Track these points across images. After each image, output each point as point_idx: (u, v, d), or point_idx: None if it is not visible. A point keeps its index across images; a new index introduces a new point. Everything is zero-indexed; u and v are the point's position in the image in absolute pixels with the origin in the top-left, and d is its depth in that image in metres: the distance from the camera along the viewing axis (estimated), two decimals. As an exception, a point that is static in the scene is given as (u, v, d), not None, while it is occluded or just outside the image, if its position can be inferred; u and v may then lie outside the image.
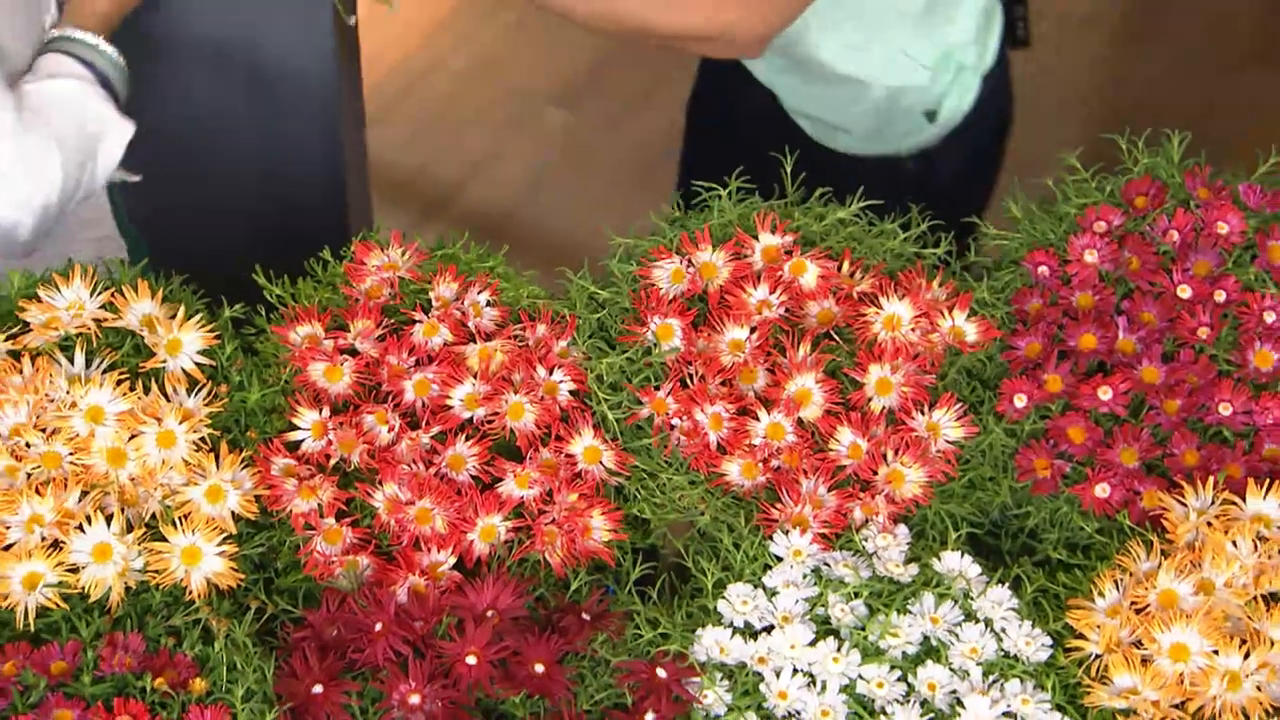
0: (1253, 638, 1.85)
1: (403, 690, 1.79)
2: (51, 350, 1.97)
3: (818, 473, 1.97)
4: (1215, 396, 1.99)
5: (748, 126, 2.98)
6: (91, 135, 2.32)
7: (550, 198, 4.29)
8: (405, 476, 1.94)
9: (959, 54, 2.80)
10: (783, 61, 2.79)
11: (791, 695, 1.85)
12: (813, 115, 2.90)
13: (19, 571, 1.82)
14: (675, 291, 2.06)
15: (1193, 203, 2.09)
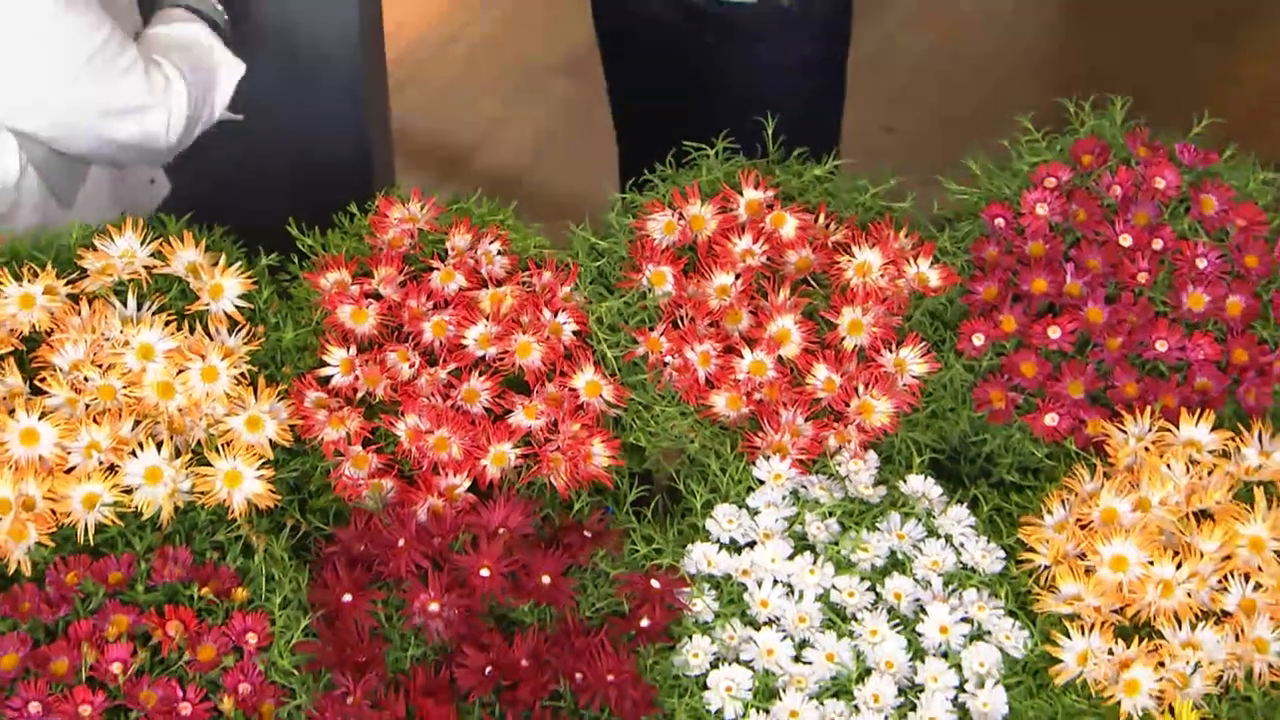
0: (1184, 550, 1.86)
1: (423, 599, 1.80)
2: (107, 294, 1.97)
3: (796, 405, 1.98)
4: (1153, 335, 2.00)
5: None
6: (208, 72, 2.44)
7: (555, 159, 4.29)
8: (424, 408, 1.94)
9: None
10: None
11: (772, 604, 1.86)
12: None
13: (79, 492, 1.84)
14: (667, 242, 2.07)
15: (1133, 160, 2.09)
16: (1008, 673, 1.84)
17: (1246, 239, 2.04)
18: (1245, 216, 2.05)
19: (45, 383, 1.89)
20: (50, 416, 1.86)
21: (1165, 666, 1.81)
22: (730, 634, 1.85)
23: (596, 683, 1.78)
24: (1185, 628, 1.82)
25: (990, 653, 1.85)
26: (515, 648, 1.80)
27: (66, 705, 1.71)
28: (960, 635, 1.85)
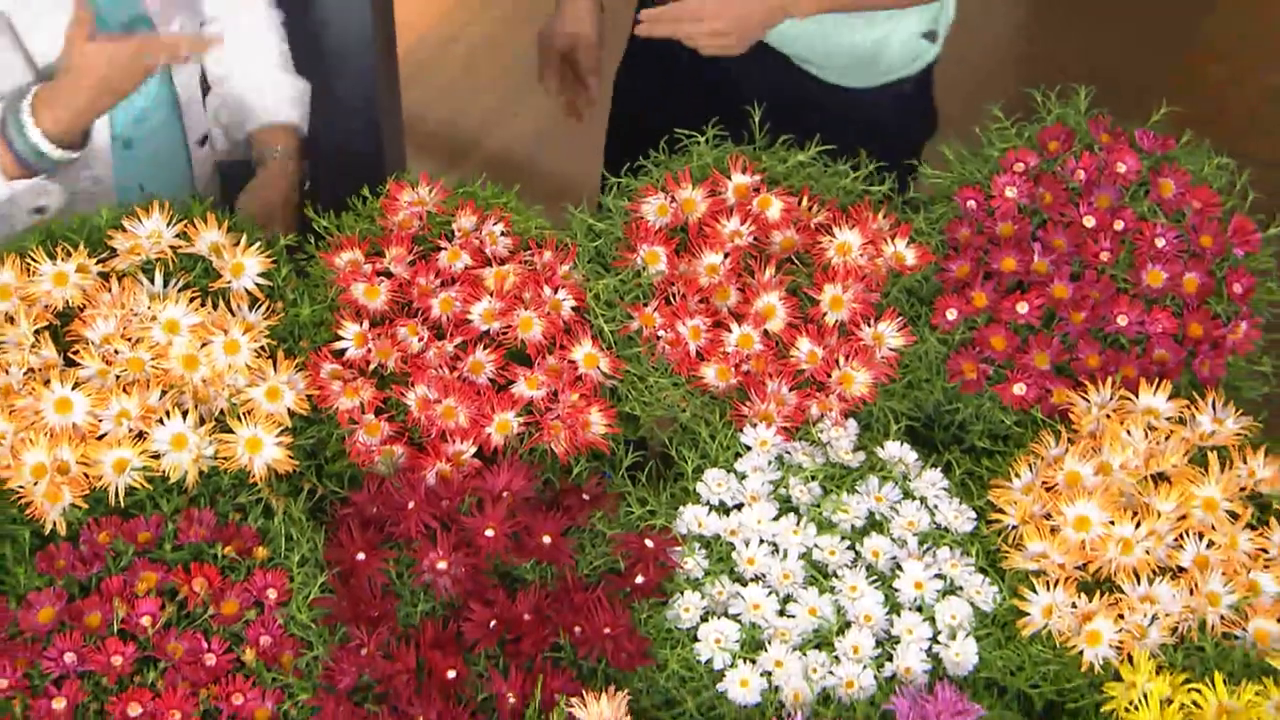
0: (1143, 510, 1.87)
1: (432, 558, 1.81)
2: (135, 272, 1.97)
3: (781, 376, 1.99)
4: (1114, 310, 2.00)
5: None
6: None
7: (555, 147, 4.28)
8: (433, 379, 1.95)
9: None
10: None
11: (758, 561, 1.87)
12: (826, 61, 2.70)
13: (110, 457, 1.84)
14: (660, 223, 2.07)
15: (1096, 146, 2.10)
16: (978, 625, 1.85)
17: (1202, 220, 2.05)
18: (1201, 199, 2.06)
19: (78, 355, 1.89)
20: (83, 387, 1.87)
21: (1124, 619, 1.82)
22: (719, 590, 1.86)
23: (594, 636, 1.79)
24: (1143, 583, 1.84)
25: (962, 607, 1.86)
26: (518, 603, 1.80)
27: (99, 656, 1.72)
28: (934, 590, 1.86)
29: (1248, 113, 3.96)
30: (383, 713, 1.73)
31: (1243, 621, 1.83)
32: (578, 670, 1.80)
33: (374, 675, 1.76)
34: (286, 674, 1.76)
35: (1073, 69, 2.22)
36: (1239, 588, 1.84)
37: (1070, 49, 3.58)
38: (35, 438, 1.83)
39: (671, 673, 1.82)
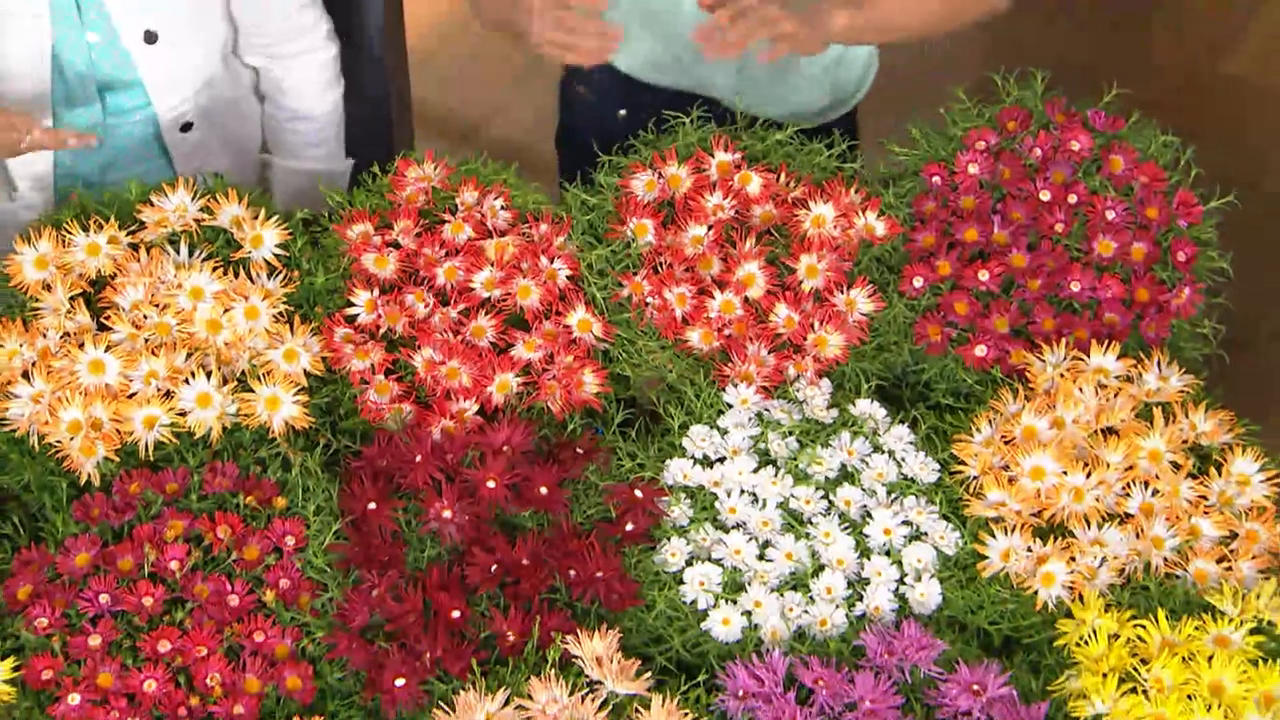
0: (1093, 462, 1.88)
1: (437, 507, 1.82)
2: (162, 243, 1.98)
3: (760, 339, 2.00)
4: (1068, 277, 2.01)
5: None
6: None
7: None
8: (438, 342, 1.95)
9: None
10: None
11: (739, 510, 1.88)
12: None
13: (140, 415, 1.85)
14: (649, 198, 2.07)
15: (1052, 126, 2.09)
16: (942, 568, 1.87)
17: (1149, 194, 2.05)
18: (1148, 174, 2.06)
19: (110, 320, 1.90)
20: (114, 349, 1.87)
21: (1076, 561, 1.83)
22: (703, 536, 1.87)
23: (587, 579, 1.80)
24: (1093, 528, 1.85)
25: (927, 551, 1.87)
26: (517, 549, 1.81)
27: (131, 597, 1.74)
28: (901, 536, 1.87)
29: (1202, 97, 3.96)
30: (392, 649, 1.74)
31: (1184, 563, 1.85)
32: (572, 610, 1.81)
33: (384, 615, 1.77)
34: (304, 613, 1.77)
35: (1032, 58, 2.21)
36: (1181, 532, 1.85)
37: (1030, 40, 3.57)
38: (71, 396, 1.84)
39: (659, 613, 1.83)
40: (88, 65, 2.24)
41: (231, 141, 2.47)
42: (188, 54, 2.30)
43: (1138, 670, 1.74)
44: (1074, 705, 1.74)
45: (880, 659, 1.77)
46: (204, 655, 1.72)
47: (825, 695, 1.72)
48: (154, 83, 2.29)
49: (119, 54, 2.25)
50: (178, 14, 2.26)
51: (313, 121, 2.48)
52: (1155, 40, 4.06)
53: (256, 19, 2.36)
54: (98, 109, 2.29)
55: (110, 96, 2.29)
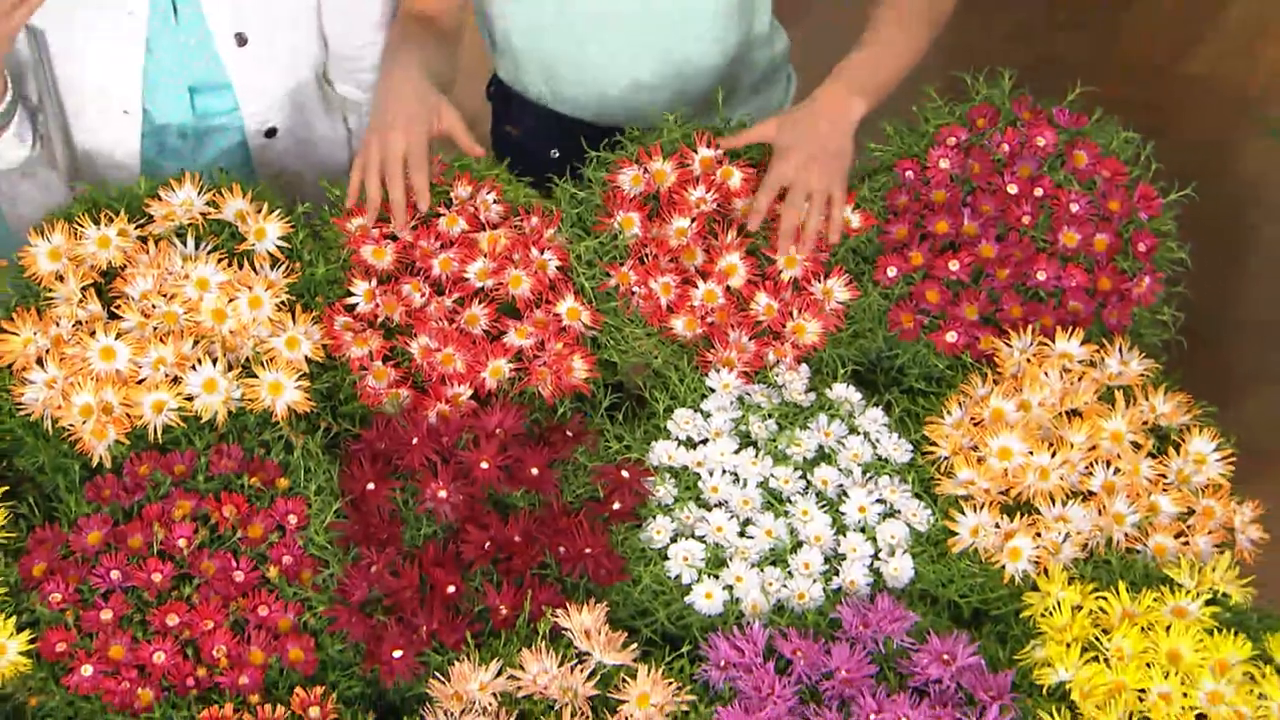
0: (1058, 442, 1.89)
1: (433, 487, 1.82)
2: (170, 236, 1.97)
3: (741, 326, 2.00)
4: (1034, 266, 2.01)
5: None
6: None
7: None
8: (434, 330, 1.96)
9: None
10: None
11: (721, 489, 1.89)
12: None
13: (149, 399, 1.85)
14: (635, 192, 2.07)
15: (1019, 123, 2.10)
16: (914, 544, 1.87)
17: (1111, 187, 2.05)
18: (1109, 169, 2.06)
19: (120, 309, 1.90)
20: (124, 337, 1.87)
21: (1041, 537, 1.84)
22: (687, 514, 1.87)
23: (576, 555, 1.81)
24: (1058, 505, 1.86)
25: (900, 528, 1.87)
26: (509, 527, 1.82)
27: (141, 573, 1.74)
28: (875, 514, 1.88)
29: (1167, 96, 3.96)
30: (390, 623, 1.75)
31: (1144, 538, 1.86)
32: (562, 585, 1.81)
33: (382, 590, 1.77)
34: (306, 589, 1.77)
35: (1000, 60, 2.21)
36: (1141, 509, 1.86)
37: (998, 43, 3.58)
38: (83, 382, 1.84)
39: (645, 587, 1.83)
40: (179, 64, 2.22)
41: (313, 158, 2.43)
42: (277, 59, 2.27)
43: (1099, 640, 1.75)
44: (1039, 673, 1.75)
45: (855, 630, 1.77)
46: (210, 628, 1.72)
47: (803, 665, 1.73)
48: (242, 85, 2.26)
49: (210, 55, 2.22)
50: (268, 19, 2.22)
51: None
52: (1121, 41, 4.06)
53: (343, 36, 2.32)
54: (187, 108, 2.27)
55: (199, 97, 2.27)
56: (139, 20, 2.16)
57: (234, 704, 1.70)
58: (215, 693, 1.71)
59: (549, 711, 1.69)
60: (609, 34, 2.30)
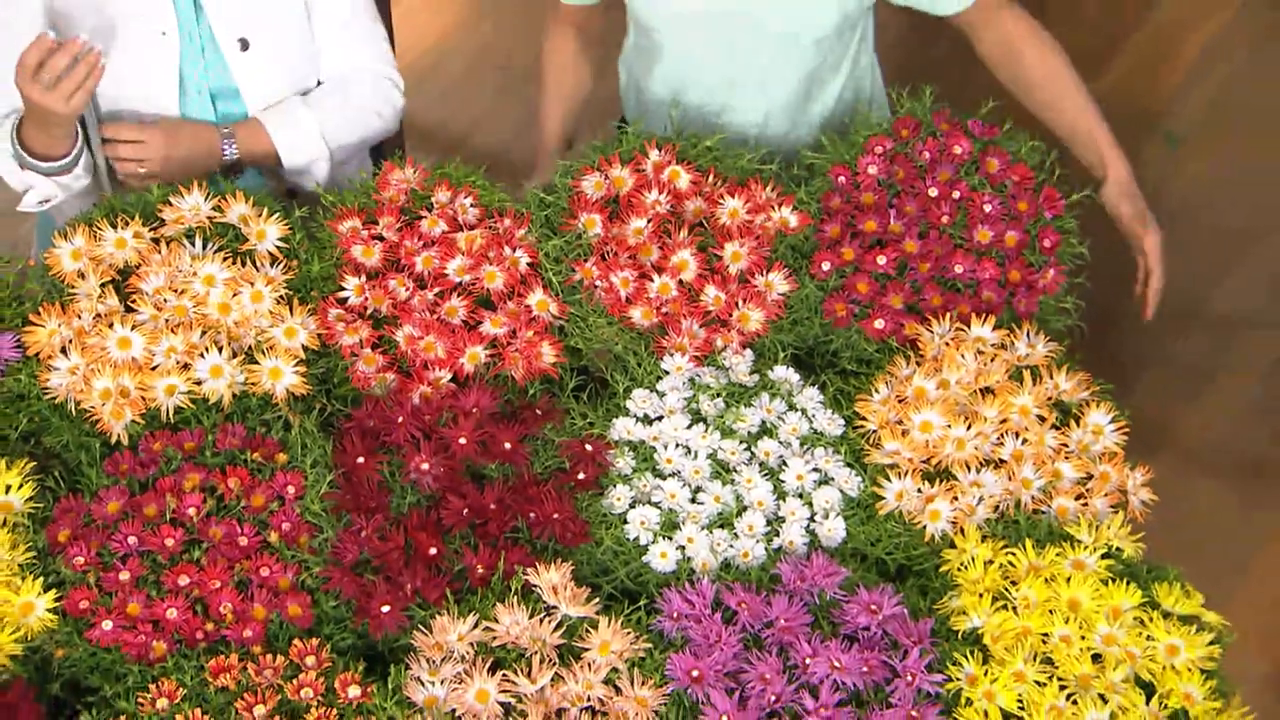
0: (973, 416, 1.90)
1: (416, 460, 1.82)
2: (180, 237, 1.97)
3: (692, 315, 2.00)
4: (952, 261, 2.02)
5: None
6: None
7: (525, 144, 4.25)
8: (417, 320, 1.95)
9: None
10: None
11: (675, 461, 1.89)
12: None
13: (161, 384, 1.85)
14: (597, 196, 2.06)
15: (939, 133, 2.10)
16: (846, 507, 1.88)
17: (1020, 190, 2.06)
18: (1018, 174, 2.07)
19: (135, 303, 1.90)
20: (139, 328, 1.88)
21: (958, 500, 1.85)
22: (644, 483, 1.88)
23: (545, 520, 1.81)
24: (973, 472, 1.87)
25: (833, 493, 1.88)
26: (485, 495, 1.82)
27: (155, 539, 1.74)
28: (812, 481, 1.89)
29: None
30: (378, 581, 1.75)
31: (1048, 500, 1.87)
32: (532, 547, 1.82)
33: (371, 552, 1.78)
34: (303, 552, 1.78)
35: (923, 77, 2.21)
36: (1046, 474, 1.87)
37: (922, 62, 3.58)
38: (102, 369, 1.85)
39: (607, 548, 1.84)
40: (203, 74, 2.21)
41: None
42: (279, 59, 2.24)
43: (1008, 590, 1.77)
44: (955, 620, 1.76)
45: (793, 585, 1.78)
46: (218, 588, 1.73)
47: (747, 615, 1.74)
48: (248, 88, 2.24)
49: (220, 62, 2.21)
50: (268, 24, 2.21)
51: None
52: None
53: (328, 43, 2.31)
54: (212, 115, 2.25)
55: (219, 103, 2.25)
56: (171, 40, 2.16)
57: (239, 654, 1.70)
58: (222, 644, 1.72)
59: (520, 659, 1.70)
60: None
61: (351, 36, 2.31)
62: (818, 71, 2.30)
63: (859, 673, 1.69)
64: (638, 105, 2.46)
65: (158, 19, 2.15)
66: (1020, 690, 1.68)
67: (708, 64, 2.28)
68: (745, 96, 2.30)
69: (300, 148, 2.25)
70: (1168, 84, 4.09)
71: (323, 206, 2.07)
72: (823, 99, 2.35)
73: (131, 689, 1.68)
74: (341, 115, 2.30)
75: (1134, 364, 3.37)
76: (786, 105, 2.31)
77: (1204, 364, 3.47)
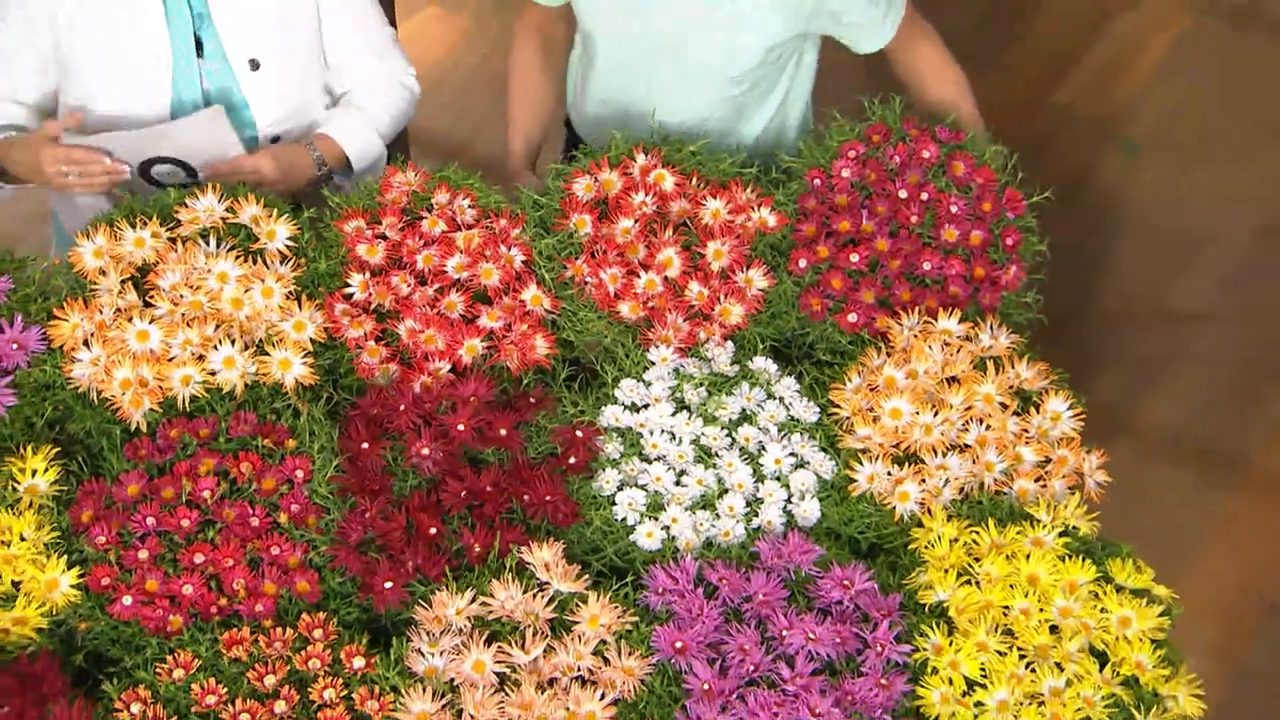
0: (939, 403, 1.90)
1: (417, 446, 1.83)
2: (195, 237, 1.97)
3: (677, 310, 2.00)
4: (921, 258, 2.02)
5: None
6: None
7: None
8: (418, 314, 1.95)
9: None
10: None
11: (660, 446, 1.89)
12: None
13: (178, 374, 1.85)
14: (587, 197, 2.07)
15: (908, 139, 2.11)
16: (821, 489, 1.89)
17: (984, 192, 2.07)
18: (983, 176, 2.07)
19: (153, 298, 1.90)
20: (157, 322, 1.87)
21: (926, 482, 1.86)
22: (631, 467, 1.88)
23: (539, 502, 1.81)
24: (939, 456, 1.87)
25: (809, 476, 1.88)
26: (482, 478, 1.82)
27: (172, 520, 1.75)
28: (789, 464, 1.89)
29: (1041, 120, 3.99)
30: (382, 559, 1.75)
31: (1010, 482, 1.88)
32: (526, 527, 1.82)
33: (375, 532, 1.78)
34: (311, 531, 1.78)
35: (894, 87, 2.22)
36: (1007, 458, 1.88)
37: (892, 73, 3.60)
38: (122, 360, 1.85)
39: (596, 528, 1.84)
40: (199, 92, 2.21)
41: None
42: (286, 79, 2.26)
43: (972, 566, 1.77)
44: (922, 594, 1.77)
45: (771, 562, 1.79)
46: (231, 565, 1.73)
47: (727, 591, 1.75)
48: (256, 104, 2.25)
49: (230, 80, 2.22)
50: (278, 45, 2.23)
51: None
52: (1001, 75, 4.07)
53: (339, 58, 2.33)
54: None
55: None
56: (163, 63, 2.17)
57: (251, 628, 1.71)
58: (235, 618, 1.72)
59: (515, 632, 1.70)
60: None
61: (369, 50, 2.35)
62: (742, 99, 2.31)
63: (832, 644, 1.69)
64: (578, 105, 2.48)
65: (152, 41, 2.16)
66: (983, 659, 1.69)
67: (640, 76, 2.30)
68: (673, 114, 2.31)
69: (366, 150, 2.32)
70: (1125, 96, 4.11)
71: (329, 207, 2.07)
72: (750, 125, 2.36)
73: (150, 660, 1.68)
74: (386, 114, 2.37)
75: (1095, 357, 3.38)
76: (711, 130, 2.32)
77: (1160, 357, 3.48)
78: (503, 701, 1.63)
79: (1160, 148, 3.94)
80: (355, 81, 2.36)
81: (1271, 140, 3.98)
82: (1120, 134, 3.95)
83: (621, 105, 2.36)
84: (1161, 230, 3.71)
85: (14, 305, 1.90)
